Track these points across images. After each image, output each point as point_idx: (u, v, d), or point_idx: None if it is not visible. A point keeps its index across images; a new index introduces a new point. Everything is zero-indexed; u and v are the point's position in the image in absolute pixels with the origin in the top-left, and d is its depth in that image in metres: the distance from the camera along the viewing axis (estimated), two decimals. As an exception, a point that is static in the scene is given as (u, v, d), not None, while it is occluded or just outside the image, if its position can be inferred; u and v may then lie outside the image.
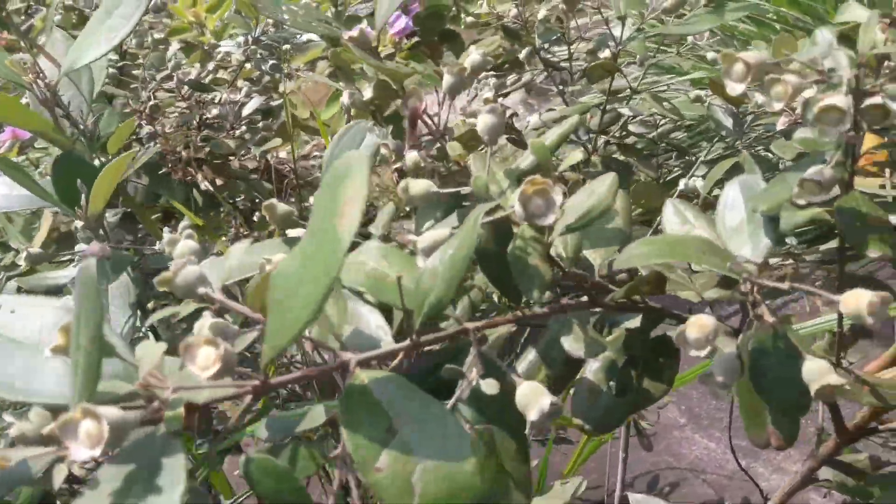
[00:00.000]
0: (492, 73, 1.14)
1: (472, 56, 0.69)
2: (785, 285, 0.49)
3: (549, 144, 0.65)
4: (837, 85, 0.49)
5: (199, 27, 1.79)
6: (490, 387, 0.43)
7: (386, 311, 0.52)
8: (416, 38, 1.26)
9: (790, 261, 0.94)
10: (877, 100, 0.52)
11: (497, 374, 0.46)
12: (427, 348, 0.58)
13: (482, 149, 0.82)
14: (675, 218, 0.65)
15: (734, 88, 0.48)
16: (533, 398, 0.43)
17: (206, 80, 1.28)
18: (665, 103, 1.04)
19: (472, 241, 0.42)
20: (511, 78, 1.11)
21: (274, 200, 0.59)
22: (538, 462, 1.12)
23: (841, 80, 0.48)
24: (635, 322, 0.64)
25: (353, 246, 0.39)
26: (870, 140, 0.65)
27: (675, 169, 1.07)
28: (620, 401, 0.59)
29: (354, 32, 0.62)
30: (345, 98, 0.66)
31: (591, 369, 0.60)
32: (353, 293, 0.50)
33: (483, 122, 0.51)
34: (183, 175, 0.90)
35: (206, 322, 0.44)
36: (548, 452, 1.01)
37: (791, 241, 0.86)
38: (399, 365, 0.47)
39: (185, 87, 1.23)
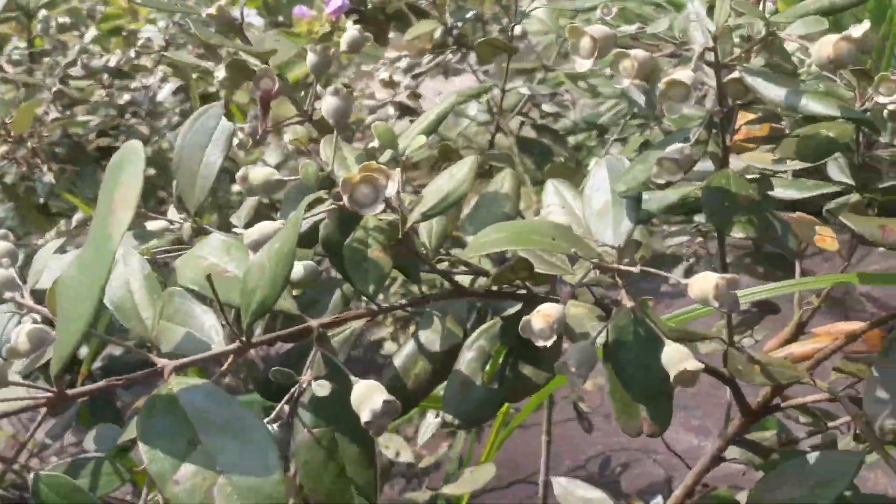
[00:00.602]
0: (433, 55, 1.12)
1: (348, 32, 0.66)
2: (636, 269, 0.48)
3: (423, 127, 0.63)
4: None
5: (132, 13, 1.74)
6: (321, 388, 0.41)
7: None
8: (355, 17, 1.22)
9: (700, 239, 0.93)
10: (736, 74, 0.50)
11: (338, 376, 0.44)
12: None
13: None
14: (555, 199, 0.63)
15: (582, 64, 0.46)
16: (366, 398, 0.41)
17: (126, 67, 1.24)
18: (581, 82, 1.02)
19: (294, 236, 0.40)
20: (426, 59, 1.09)
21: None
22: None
23: (693, 54, 0.47)
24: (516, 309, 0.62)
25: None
26: (764, 129, 0.64)
27: (596, 148, 1.05)
28: (493, 393, 0.57)
29: (213, 10, 0.59)
30: (219, 73, 0.63)
31: (465, 360, 0.58)
32: (191, 292, 0.47)
33: (327, 104, 0.49)
34: (28, 167, 0.86)
35: (24, 328, 0.41)
36: (473, 440, 1.00)
37: (700, 218, 0.84)
38: (238, 368, 0.44)
39: (105, 75, 1.19)
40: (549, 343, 0.44)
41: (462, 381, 0.57)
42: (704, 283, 0.43)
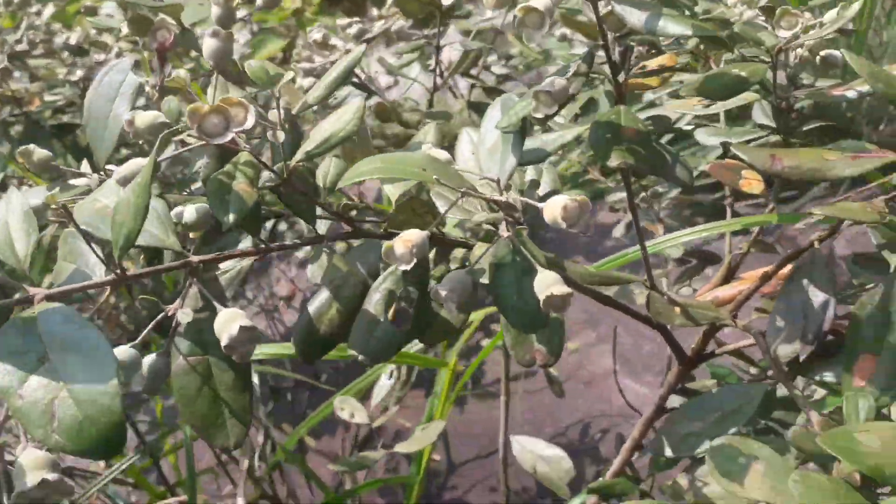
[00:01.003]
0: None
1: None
2: (502, 197, 0.48)
3: (330, 80, 0.64)
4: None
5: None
6: (184, 316, 0.43)
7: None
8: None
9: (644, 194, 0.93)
10: (610, 6, 0.51)
11: (212, 307, 0.45)
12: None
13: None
14: (467, 146, 0.64)
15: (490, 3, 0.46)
16: (226, 324, 0.42)
17: (86, 45, 1.26)
18: (533, 44, 1.03)
19: (149, 169, 0.41)
20: (378, 24, 1.09)
21: (31, 146, 0.58)
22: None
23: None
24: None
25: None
26: (668, 59, 0.64)
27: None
28: (397, 332, 0.58)
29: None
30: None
31: (372, 301, 0.59)
32: (82, 232, 0.49)
33: (207, 46, 0.50)
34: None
35: None
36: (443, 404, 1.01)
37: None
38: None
39: (66, 53, 1.21)
40: (408, 267, 0.45)
41: (369, 320, 0.58)
42: (554, 204, 0.44)
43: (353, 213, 0.59)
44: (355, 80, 0.90)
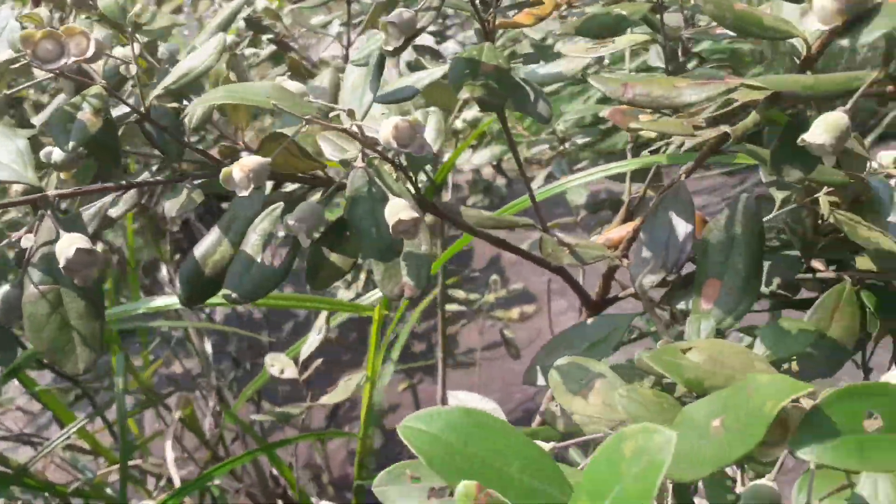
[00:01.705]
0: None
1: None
2: (355, 124, 0.49)
3: (216, 23, 0.65)
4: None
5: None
6: (26, 241, 0.44)
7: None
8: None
9: (562, 146, 0.94)
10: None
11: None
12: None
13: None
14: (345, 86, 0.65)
15: None
16: (65, 247, 0.44)
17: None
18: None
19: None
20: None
21: None
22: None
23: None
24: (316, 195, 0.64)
25: None
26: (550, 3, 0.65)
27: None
28: (272, 271, 0.59)
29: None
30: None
31: (250, 242, 0.60)
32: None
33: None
34: None
35: None
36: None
37: (560, 127, 0.85)
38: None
39: None
40: (247, 192, 0.46)
41: (244, 260, 0.60)
42: (387, 125, 0.45)
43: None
44: (272, 35, 0.90)
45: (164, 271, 1.55)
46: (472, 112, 1.32)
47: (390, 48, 0.51)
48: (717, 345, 0.46)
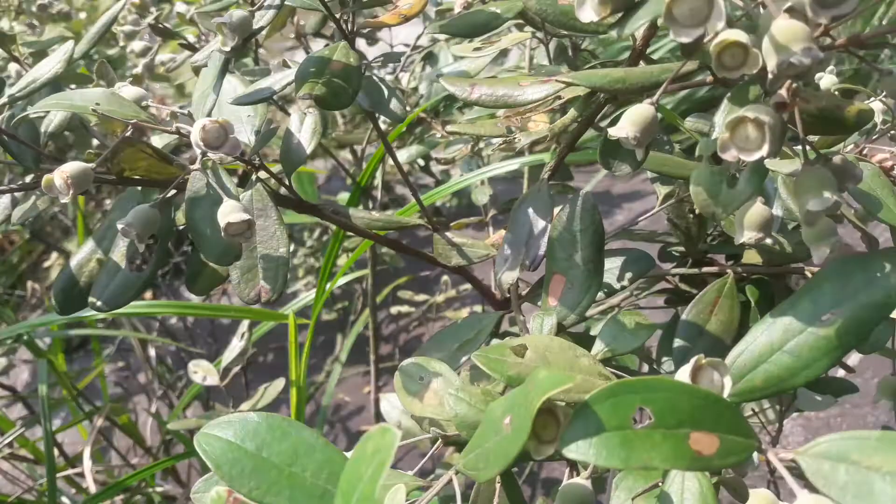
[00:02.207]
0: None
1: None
2: (185, 133, 0.49)
3: (90, 36, 0.64)
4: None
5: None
6: None
7: None
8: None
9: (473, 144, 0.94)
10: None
11: None
12: None
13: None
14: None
15: None
16: None
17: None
18: None
19: None
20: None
21: None
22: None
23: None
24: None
25: None
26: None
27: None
28: (136, 278, 0.59)
29: None
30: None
31: (117, 249, 0.60)
32: None
33: None
34: None
35: None
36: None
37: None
38: None
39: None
40: (67, 199, 0.45)
41: (111, 267, 0.59)
42: (196, 126, 0.45)
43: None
44: (183, 41, 0.90)
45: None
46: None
47: (227, 49, 0.50)
48: (546, 341, 0.45)
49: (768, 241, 0.43)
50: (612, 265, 0.55)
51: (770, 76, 0.34)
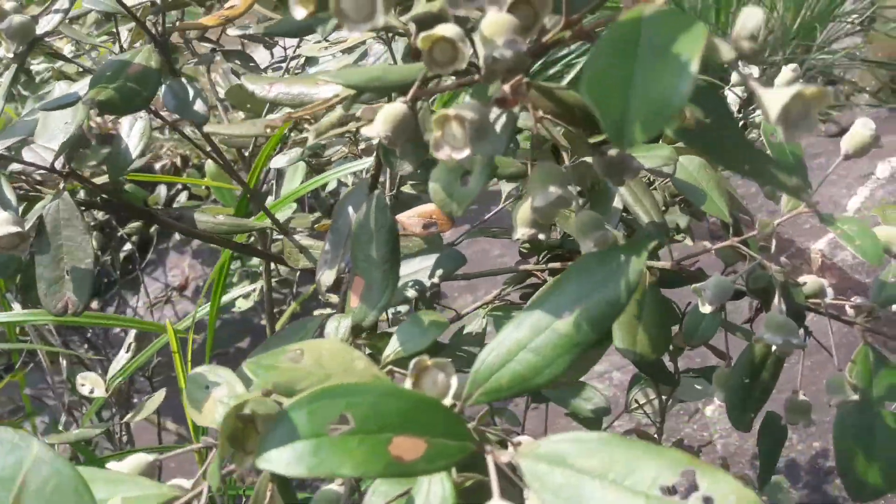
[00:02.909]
0: None
1: None
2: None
3: None
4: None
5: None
6: None
7: None
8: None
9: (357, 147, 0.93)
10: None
11: None
12: None
13: None
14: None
15: None
16: None
17: None
18: None
19: None
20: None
21: None
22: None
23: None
24: None
25: None
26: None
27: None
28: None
29: None
30: None
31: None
32: None
33: None
34: None
35: None
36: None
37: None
38: None
39: None
40: None
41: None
42: None
43: None
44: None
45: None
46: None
47: (11, 55, 0.49)
48: (323, 345, 0.44)
49: (541, 235, 0.42)
50: (425, 263, 0.54)
51: (483, 71, 0.34)
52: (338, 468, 0.31)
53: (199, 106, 0.54)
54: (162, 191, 2.31)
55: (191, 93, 0.55)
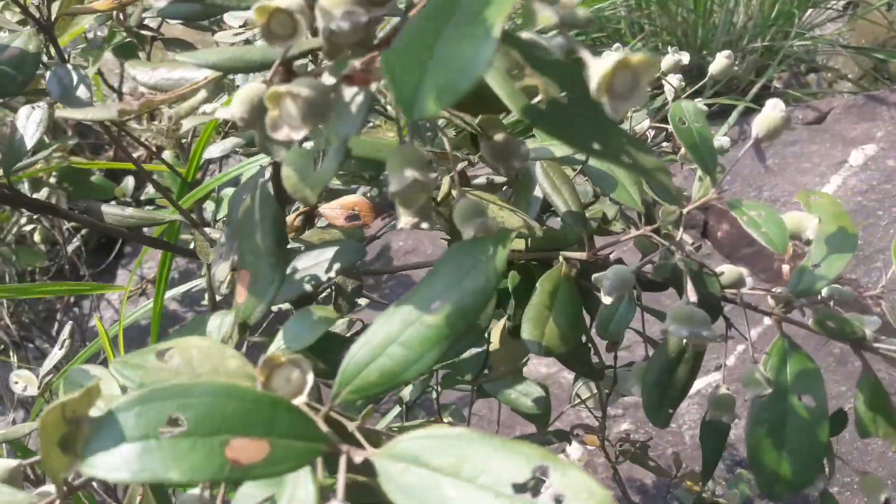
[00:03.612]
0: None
1: None
2: None
3: None
4: None
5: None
6: None
7: None
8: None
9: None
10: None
11: None
12: None
13: None
14: None
15: None
16: None
17: None
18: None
19: None
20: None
21: None
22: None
23: None
24: None
25: None
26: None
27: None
28: None
29: None
30: None
31: None
32: None
33: None
34: None
35: None
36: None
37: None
38: None
39: None
40: None
41: None
42: None
43: None
44: None
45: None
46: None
47: None
48: (194, 343, 0.42)
49: (424, 225, 0.40)
50: (323, 256, 0.52)
51: (324, 46, 0.32)
52: (165, 473, 0.29)
53: (82, 92, 0.51)
54: (129, 182, 2.27)
55: (75, 79, 0.52)
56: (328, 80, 0.33)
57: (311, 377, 0.34)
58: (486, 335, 0.73)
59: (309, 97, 0.31)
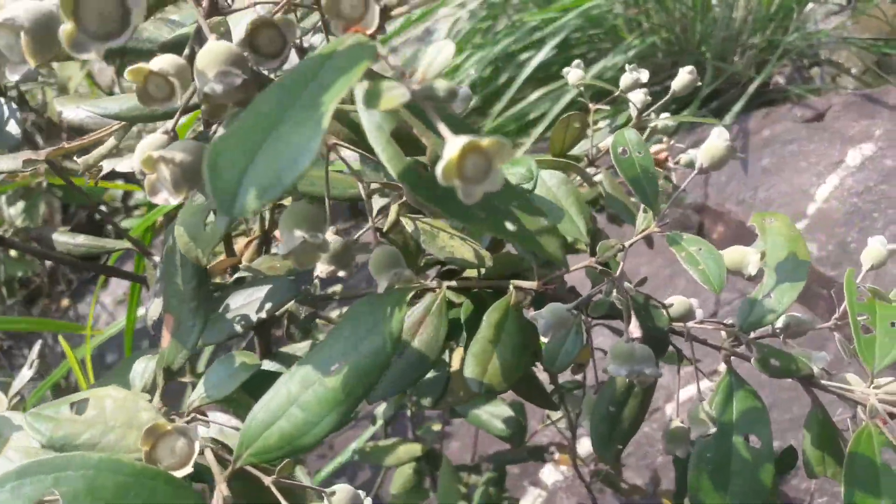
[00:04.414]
0: None
1: None
2: None
3: None
4: None
5: None
6: None
7: None
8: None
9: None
10: None
11: None
12: None
13: None
14: None
15: None
16: None
17: None
18: None
19: None
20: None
21: None
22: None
23: None
24: None
25: None
26: None
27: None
28: None
29: None
30: None
31: None
32: None
33: None
34: None
35: None
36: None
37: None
38: None
39: None
40: None
41: None
42: None
43: None
44: None
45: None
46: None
47: None
48: (109, 394, 0.41)
49: (342, 273, 0.39)
50: (255, 295, 0.51)
51: (203, 107, 0.30)
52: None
53: (11, 128, 0.50)
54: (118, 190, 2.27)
55: (5, 114, 0.51)
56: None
57: (197, 446, 0.33)
58: (445, 360, 0.71)
59: (183, 162, 0.29)
